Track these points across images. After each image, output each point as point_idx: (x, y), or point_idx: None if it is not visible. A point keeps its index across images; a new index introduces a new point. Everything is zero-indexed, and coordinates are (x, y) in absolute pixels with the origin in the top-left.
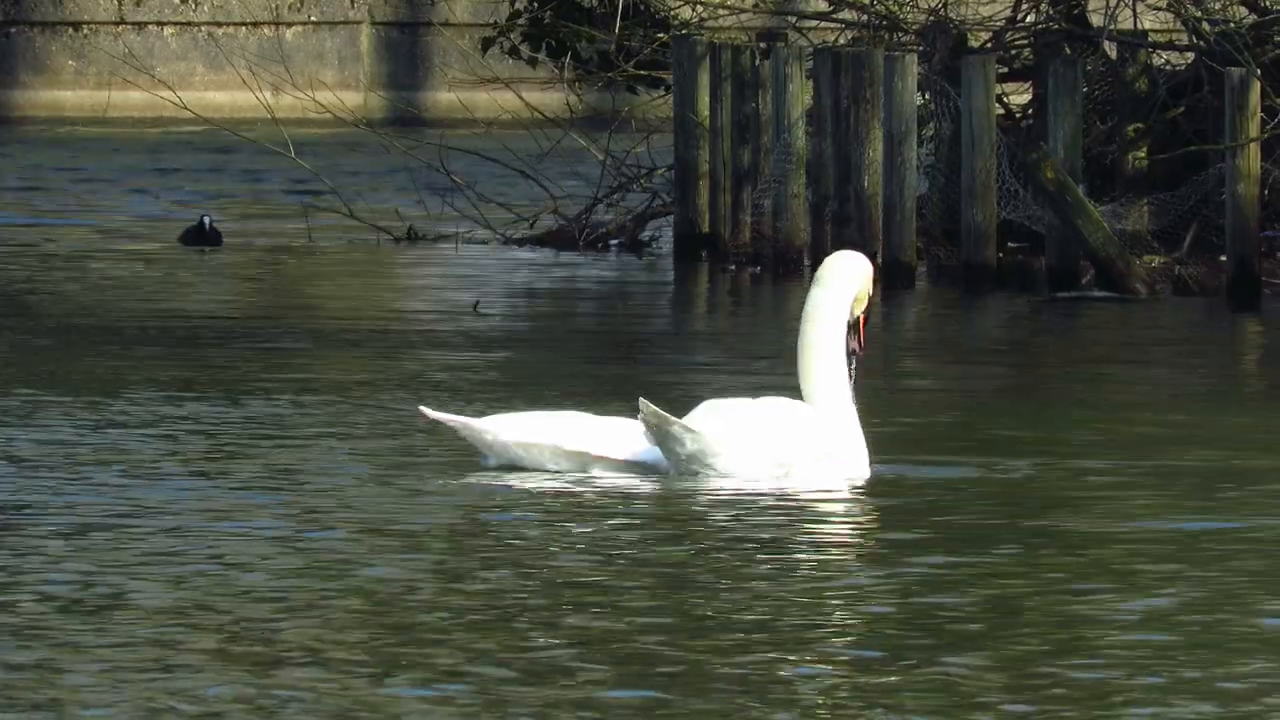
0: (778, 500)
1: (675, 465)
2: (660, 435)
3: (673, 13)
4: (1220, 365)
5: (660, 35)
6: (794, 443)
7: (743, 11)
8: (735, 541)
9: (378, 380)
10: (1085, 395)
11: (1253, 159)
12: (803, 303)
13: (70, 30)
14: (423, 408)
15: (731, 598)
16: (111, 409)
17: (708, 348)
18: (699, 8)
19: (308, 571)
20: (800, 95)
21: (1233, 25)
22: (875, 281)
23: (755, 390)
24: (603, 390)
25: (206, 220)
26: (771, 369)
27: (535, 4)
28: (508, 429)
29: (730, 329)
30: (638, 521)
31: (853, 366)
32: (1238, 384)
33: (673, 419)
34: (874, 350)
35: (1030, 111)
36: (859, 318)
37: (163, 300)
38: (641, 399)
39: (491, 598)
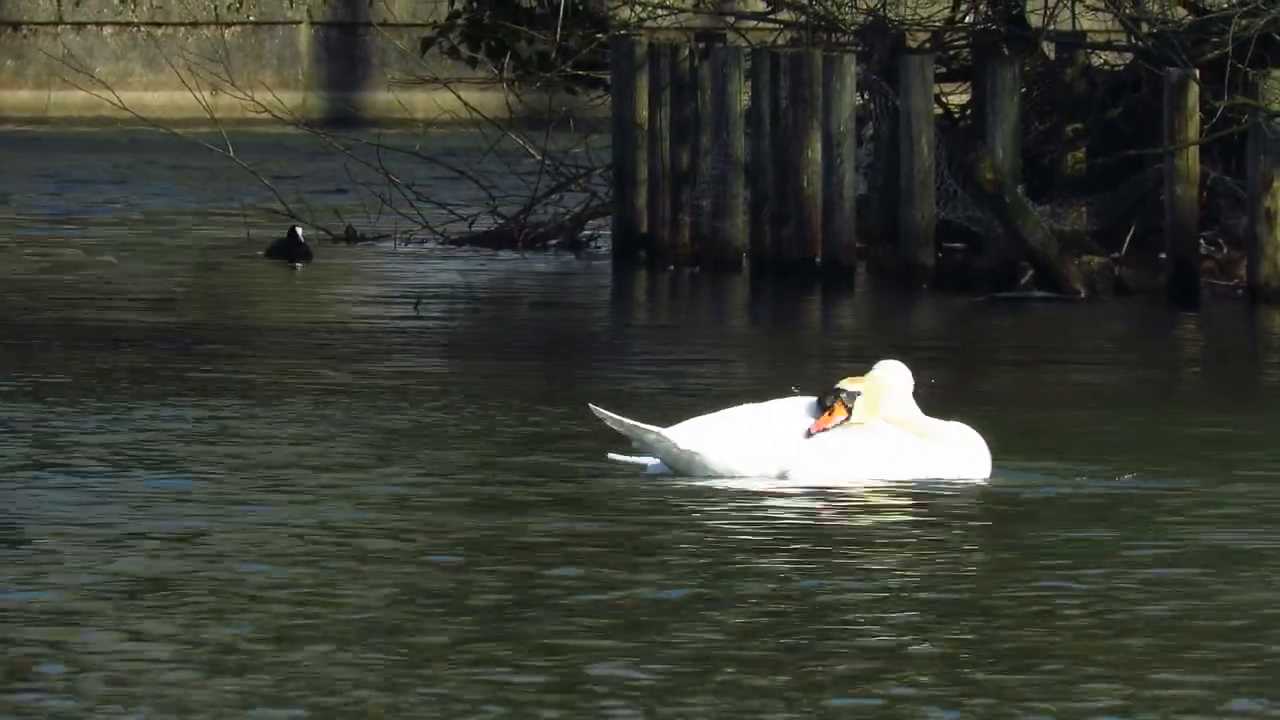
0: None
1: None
2: (634, 439)
3: (611, 13)
4: (1159, 365)
5: (599, 36)
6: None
7: (681, 12)
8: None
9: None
10: (1024, 395)
11: (1191, 160)
12: (737, 302)
13: (9, 30)
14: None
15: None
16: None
17: (647, 347)
18: (638, 8)
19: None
20: (739, 96)
21: (1170, 25)
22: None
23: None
24: (544, 390)
25: (299, 231)
26: (710, 369)
27: (474, 4)
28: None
29: (670, 329)
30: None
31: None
32: (1176, 384)
33: (641, 425)
34: (812, 351)
35: (969, 112)
36: (835, 402)
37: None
38: (592, 406)
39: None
